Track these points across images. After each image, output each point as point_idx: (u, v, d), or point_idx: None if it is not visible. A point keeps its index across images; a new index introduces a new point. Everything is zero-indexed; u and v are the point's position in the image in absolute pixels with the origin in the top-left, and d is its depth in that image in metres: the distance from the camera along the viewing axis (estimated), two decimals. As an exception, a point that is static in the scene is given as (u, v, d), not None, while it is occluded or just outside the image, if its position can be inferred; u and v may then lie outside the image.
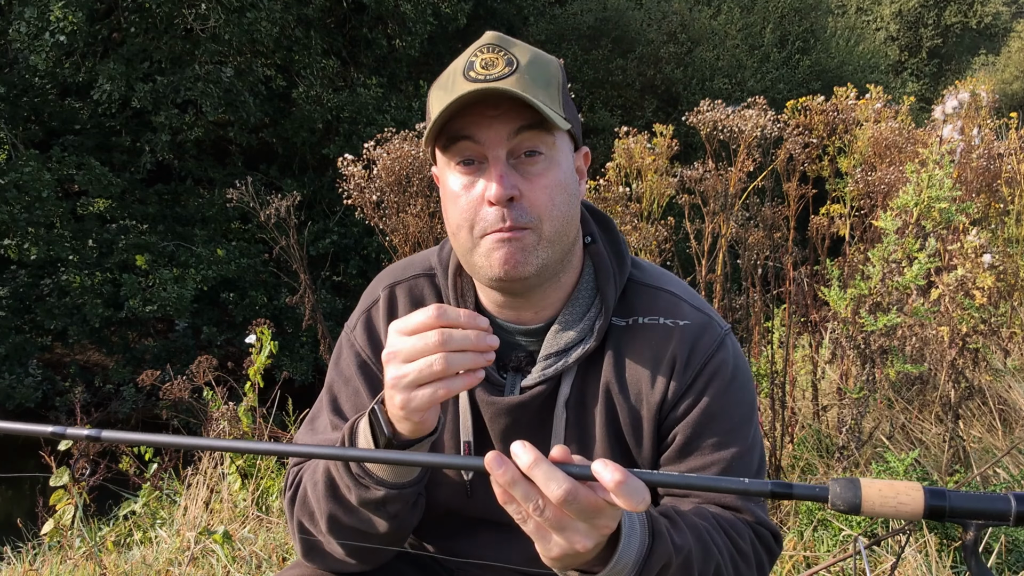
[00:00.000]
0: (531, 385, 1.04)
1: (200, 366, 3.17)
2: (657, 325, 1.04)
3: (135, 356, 10.52)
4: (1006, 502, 0.70)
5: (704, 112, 3.10)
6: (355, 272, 11.75)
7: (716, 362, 1.03)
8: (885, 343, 2.45)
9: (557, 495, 0.72)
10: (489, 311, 1.07)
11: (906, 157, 3.48)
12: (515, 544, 1.06)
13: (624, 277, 1.06)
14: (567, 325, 1.04)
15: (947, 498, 0.71)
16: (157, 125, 10.55)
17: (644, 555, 0.84)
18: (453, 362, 0.83)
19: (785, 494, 0.73)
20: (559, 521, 0.74)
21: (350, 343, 1.13)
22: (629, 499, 0.71)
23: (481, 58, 0.95)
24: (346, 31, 12.75)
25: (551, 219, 0.96)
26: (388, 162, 3.03)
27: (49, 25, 9.09)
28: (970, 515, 0.71)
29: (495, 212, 0.94)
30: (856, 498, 0.72)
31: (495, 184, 0.92)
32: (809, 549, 2.30)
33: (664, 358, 1.02)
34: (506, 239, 0.94)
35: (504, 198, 0.92)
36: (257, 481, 3.08)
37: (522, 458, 0.73)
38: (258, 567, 2.56)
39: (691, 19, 15.85)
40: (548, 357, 1.03)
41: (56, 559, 2.79)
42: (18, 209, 9.28)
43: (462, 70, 0.95)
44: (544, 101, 0.93)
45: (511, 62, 0.94)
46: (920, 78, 26.17)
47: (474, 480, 1.07)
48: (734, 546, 0.97)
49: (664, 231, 3.06)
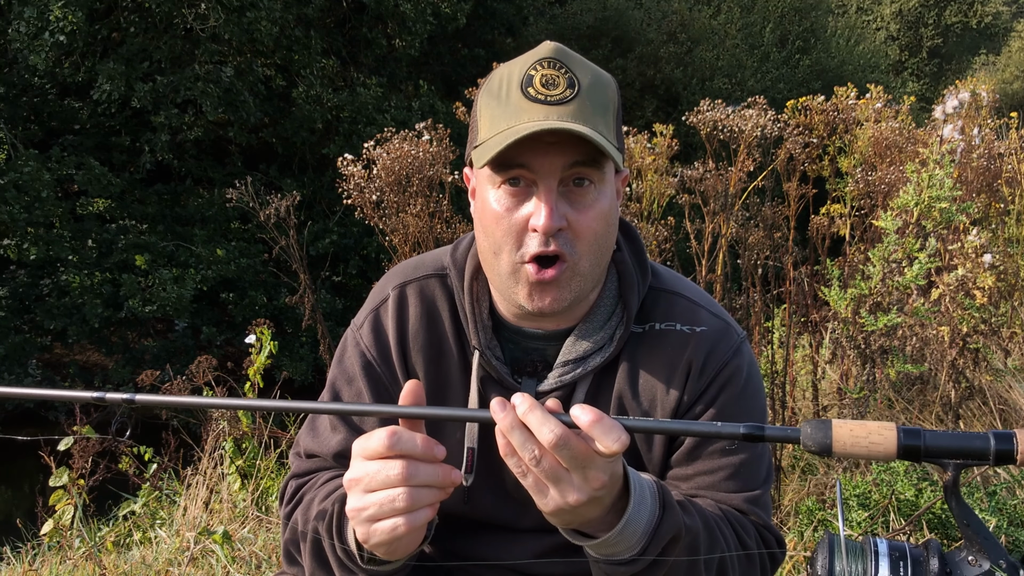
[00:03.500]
0: (547, 391, 1.03)
1: (200, 366, 3.17)
2: (673, 331, 1.04)
3: (135, 356, 10.51)
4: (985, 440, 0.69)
5: (704, 112, 3.09)
6: (355, 272, 11.75)
7: (731, 368, 1.03)
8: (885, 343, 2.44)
9: (549, 439, 0.75)
10: (505, 318, 1.06)
11: (906, 157, 3.48)
12: (515, 545, 1.06)
13: (646, 286, 1.06)
14: (586, 334, 1.03)
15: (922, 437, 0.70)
16: (157, 125, 10.55)
17: (655, 524, 0.85)
18: (418, 499, 0.80)
19: (758, 436, 0.73)
20: (554, 472, 0.78)
21: (355, 342, 1.11)
22: (605, 437, 0.75)
23: (541, 74, 0.92)
24: (346, 31, 12.74)
25: (591, 252, 0.95)
26: (388, 162, 3.03)
27: (49, 25, 9.09)
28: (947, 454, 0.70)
29: (539, 239, 0.93)
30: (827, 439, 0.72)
31: (545, 215, 0.91)
32: (809, 549, 2.30)
33: (680, 364, 1.02)
34: (546, 280, 0.94)
35: (553, 230, 0.92)
36: (257, 481, 3.08)
37: (520, 405, 0.77)
38: (257, 567, 2.55)
39: (691, 19, 15.85)
40: (566, 364, 1.03)
41: (56, 559, 2.78)
42: (18, 209, 9.27)
43: (519, 83, 0.92)
44: (602, 131, 0.91)
45: (572, 83, 0.92)
46: (920, 78, 26.17)
47: (472, 487, 1.05)
48: (739, 541, 0.98)
49: (664, 231, 3.05)
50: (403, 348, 1.08)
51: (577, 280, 0.96)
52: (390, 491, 0.80)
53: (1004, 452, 0.69)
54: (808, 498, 2.53)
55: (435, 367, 1.07)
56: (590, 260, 0.95)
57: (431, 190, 3.13)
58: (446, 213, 3.16)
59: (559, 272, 0.93)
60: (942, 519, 2.18)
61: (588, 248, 0.94)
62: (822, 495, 2.64)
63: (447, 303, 1.09)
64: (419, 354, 1.07)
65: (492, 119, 0.93)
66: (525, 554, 1.05)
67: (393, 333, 1.08)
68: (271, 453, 3.26)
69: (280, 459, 3.30)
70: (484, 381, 1.05)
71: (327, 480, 1.04)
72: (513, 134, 0.88)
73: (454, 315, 1.08)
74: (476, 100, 1.00)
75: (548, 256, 0.93)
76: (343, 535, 0.91)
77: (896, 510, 2.23)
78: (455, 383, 1.07)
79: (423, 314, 1.08)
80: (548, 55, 0.94)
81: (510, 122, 0.91)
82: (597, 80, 0.95)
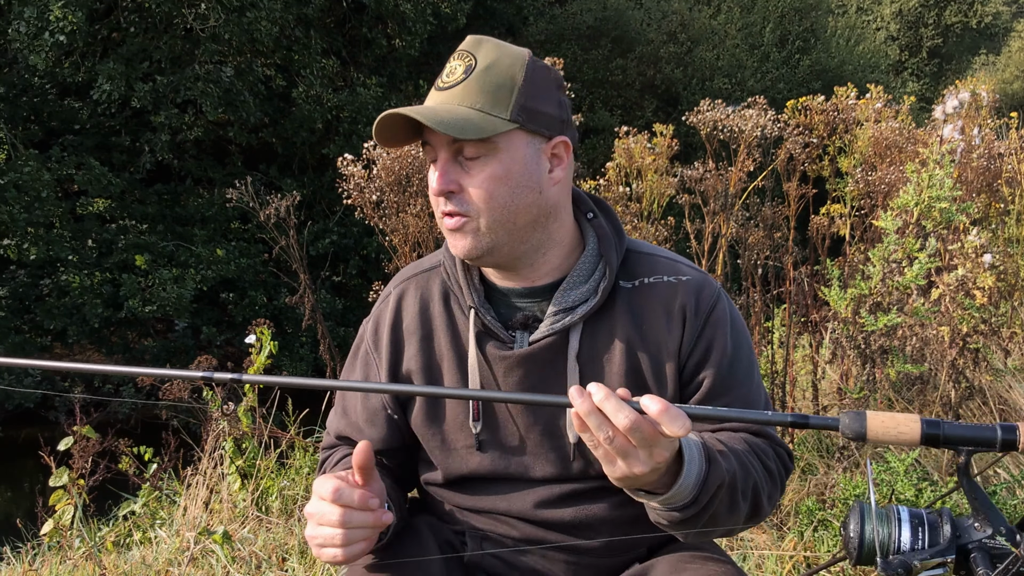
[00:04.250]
0: (539, 339, 1.15)
1: (200, 366, 3.16)
2: (662, 283, 1.18)
3: (135, 356, 10.51)
4: (992, 431, 0.82)
5: (704, 112, 3.09)
6: (355, 272, 11.74)
7: (720, 310, 1.17)
8: (885, 343, 2.44)
9: (624, 424, 0.87)
10: (494, 282, 1.20)
11: (906, 157, 3.48)
12: (526, 492, 1.17)
13: (623, 246, 1.20)
14: (572, 287, 1.16)
15: (941, 427, 0.83)
16: (157, 125, 10.54)
17: (703, 478, 0.98)
18: (351, 537, 0.98)
19: (803, 424, 0.86)
20: (624, 448, 0.90)
21: (362, 333, 1.28)
22: (671, 424, 0.86)
23: (450, 64, 1.09)
24: (346, 31, 12.74)
25: (489, 209, 1.08)
26: (388, 162, 3.03)
27: (49, 25, 9.08)
28: (961, 442, 0.83)
29: (442, 201, 1.10)
30: (862, 428, 0.84)
31: (435, 179, 1.09)
32: (809, 549, 2.30)
33: (675, 308, 1.16)
34: (450, 228, 1.11)
35: (442, 192, 1.09)
36: (257, 481, 3.08)
37: (596, 393, 0.88)
38: (258, 567, 2.55)
39: (691, 19, 15.85)
40: (556, 313, 1.15)
41: (56, 559, 2.78)
42: (18, 209, 9.27)
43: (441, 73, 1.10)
44: (484, 107, 1.05)
45: (469, 69, 1.07)
46: (920, 78, 26.16)
47: (482, 439, 1.18)
48: (763, 467, 1.12)
49: (664, 231, 3.05)
50: (396, 334, 1.23)
51: (486, 233, 1.10)
52: (331, 530, 0.98)
53: (1008, 441, 0.82)
54: (808, 498, 2.53)
55: (427, 344, 1.21)
56: (491, 216, 1.09)
57: (431, 190, 3.12)
58: (446, 213, 3.16)
59: (458, 224, 1.10)
60: (942, 519, 2.18)
61: (484, 205, 1.08)
62: (822, 495, 2.64)
63: (440, 290, 1.23)
64: (412, 336, 1.22)
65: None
66: (535, 500, 1.16)
67: (389, 323, 1.23)
68: (271, 453, 3.26)
69: (280, 459, 3.30)
70: (479, 336, 1.17)
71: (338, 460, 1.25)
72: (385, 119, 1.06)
73: (445, 300, 1.22)
74: None
75: (447, 213, 1.10)
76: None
77: (896, 510, 2.23)
78: (447, 354, 1.20)
79: (418, 302, 1.23)
80: (462, 47, 1.10)
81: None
82: (497, 61, 1.08)
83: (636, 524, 1.15)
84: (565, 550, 1.17)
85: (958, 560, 0.84)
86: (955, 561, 0.84)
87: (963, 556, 0.83)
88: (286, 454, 3.38)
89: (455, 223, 1.09)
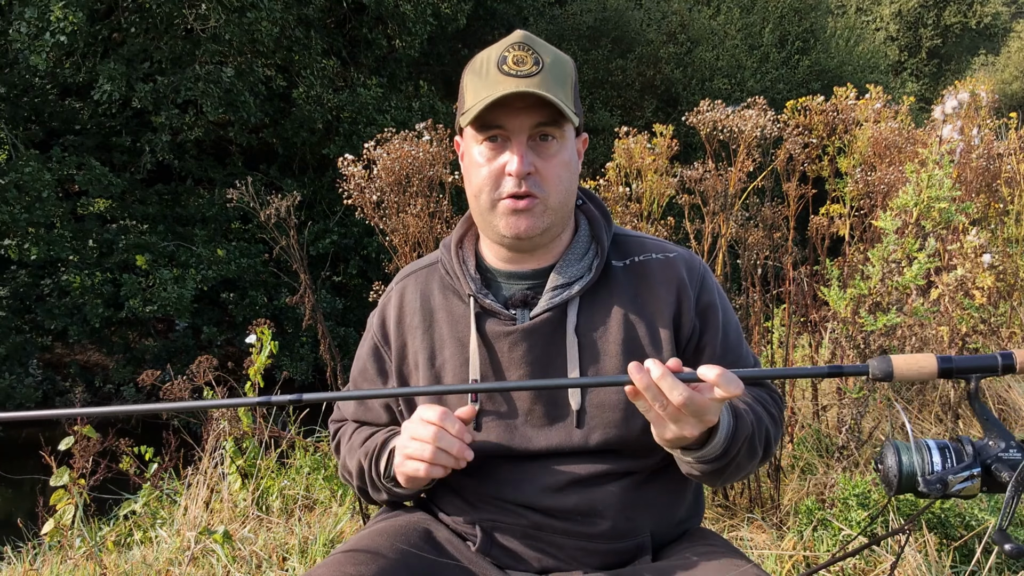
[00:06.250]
0: (539, 314, 1.23)
1: (200, 366, 3.17)
2: (652, 260, 1.28)
3: (135, 356, 10.52)
4: (994, 359, 0.99)
5: (704, 112, 3.10)
6: (355, 272, 11.75)
7: (709, 280, 1.29)
8: (885, 343, 2.45)
9: (679, 400, 0.98)
10: (492, 265, 1.29)
11: (906, 157, 3.48)
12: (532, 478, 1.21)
13: (612, 229, 1.30)
14: (567, 266, 1.25)
15: (952, 362, 1.00)
16: (157, 125, 10.55)
17: (731, 433, 1.11)
18: (437, 456, 1.10)
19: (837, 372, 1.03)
20: (676, 416, 1.01)
21: (369, 328, 1.37)
22: (728, 386, 0.97)
23: (513, 55, 1.15)
24: (346, 31, 12.75)
25: (557, 192, 1.18)
26: (388, 162, 3.03)
27: (49, 25, 9.08)
28: (970, 370, 1.00)
29: (513, 181, 1.16)
30: (889, 368, 1.01)
31: (517, 161, 1.14)
32: (809, 549, 2.30)
33: (668, 279, 1.25)
34: (520, 208, 1.17)
35: (523, 173, 1.15)
36: (257, 481, 3.09)
37: (654, 371, 0.99)
38: (258, 567, 2.56)
39: (691, 19, 15.85)
40: (554, 289, 1.24)
41: (56, 559, 2.79)
42: (18, 209, 9.27)
43: (495, 61, 1.15)
44: (560, 98, 1.13)
45: (538, 61, 1.15)
46: (920, 78, 26.17)
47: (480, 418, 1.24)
48: (768, 413, 1.26)
49: (664, 231, 3.06)
50: (400, 328, 1.31)
51: (549, 213, 1.19)
52: (423, 445, 1.11)
53: (1008, 365, 0.99)
54: (808, 498, 2.53)
55: (429, 332, 1.29)
56: (557, 198, 1.19)
57: (431, 190, 3.13)
58: (446, 213, 3.16)
59: (530, 204, 1.17)
60: (941, 519, 2.18)
61: (554, 188, 1.18)
62: (821, 495, 2.64)
63: (439, 283, 1.31)
64: (415, 329, 1.29)
65: (475, 91, 1.16)
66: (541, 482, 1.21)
67: (393, 317, 1.32)
68: (271, 453, 3.27)
69: (281, 459, 3.31)
70: (479, 318, 1.25)
71: (354, 431, 1.36)
72: (489, 98, 1.12)
73: (444, 291, 1.30)
74: (462, 79, 1.21)
75: (520, 195, 1.17)
76: (378, 465, 1.25)
77: (896, 510, 2.24)
78: (448, 339, 1.27)
79: (419, 296, 1.31)
80: (518, 40, 1.17)
81: (489, 92, 1.13)
82: (557, 59, 1.18)
83: (640, 508, 1.22)
84: (572, 536, 1.20)
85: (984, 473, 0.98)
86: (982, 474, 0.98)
87: (985, 470, 0.98)
88: (286, 454, 3.38)
89: (526, 203, 1.17)
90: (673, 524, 1.28)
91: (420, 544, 1.20)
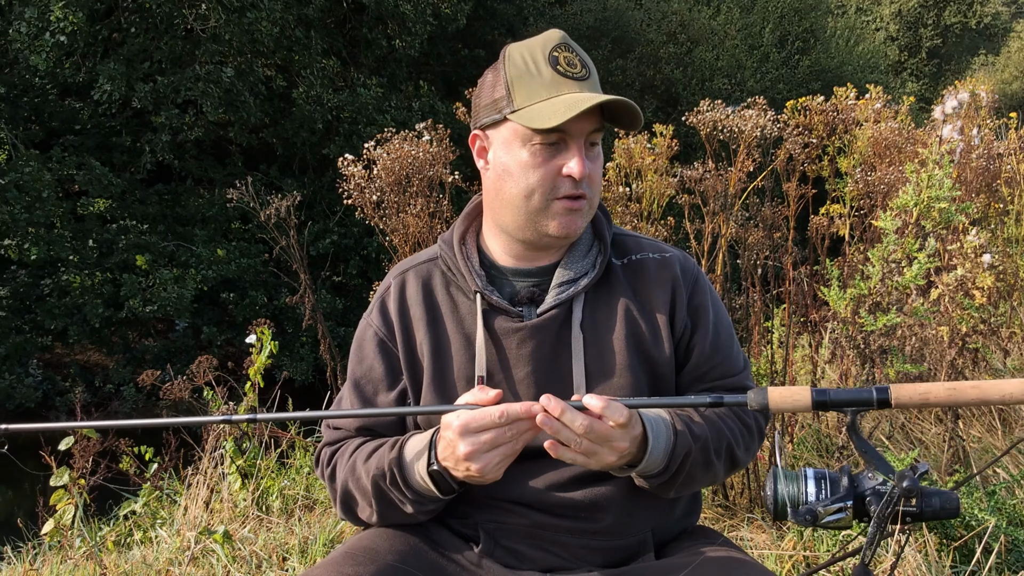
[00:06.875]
0: (546, 310, 1.24)
1: (200, 366, 3.17)
2: (648, 259, 1.31)
3: (135, 356, 10.51)
4: (869, 393, 0.98)
5: (704, 112, 3.09)
6: (355, 272, 11.74)
7: (702, 280, 1.32)
8: (885, 343, 2.45)
9: (580, 428, 1.02)
10: (497, 262, 1.30)
11: (906, 157, 3.48)
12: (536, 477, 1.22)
13: (612, 228, 1.33)
14: (573, 262, 1.27)
15: (828, 394, 0.99)
16: (157, 125, 10.54)
17: (671, 448, 1.14)
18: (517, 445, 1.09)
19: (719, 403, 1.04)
20: (591, 449, 1.05)
21: (368, 325, 1.32)
22: (612, 415, 1.03)
23: (563, 55, 1.18)
24: (346, 31, 12.74)
25: (597, 193, 1.24)
26: (388, 162, 3.03)
27: (49, 25, 9.08)
28: (844, 404, 0.99)
29: (571, 183, 1.18)
30: (765, 399, 1.01)
31: (580, 163, 1.17)
32: (809, 549, 2.30)
33: (664, 278, 1.28)
34: (575, 208, 1.20)
35: (586, 175, 1.18)
36: (257, 481, 3.09)
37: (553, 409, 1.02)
38: (258, 567, 2.56)
39: (691, 19, 15.84)
40: (560, 285, 1.26)
41: (56, 559, 2.79)
42: (18, 209, 9.27)
43: (546, 61, 1.17)
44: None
45: (584, 64, 1.20)
46: (920, 78, 26.16)
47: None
48: (741, 423, 1.27)
49: (664, 231, 3.06)
50: (405, 321, 1.29)
51: (590, 213, 1.24)
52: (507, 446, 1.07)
53: (882, 400, 0.98)
54: (807, 498, 2.53)
55: (434, 328, 1.27)
56: (596, 199, 1.25)
57: (431, 190, 3.13)
58: (446, 213, 3.16)
59: (582, 206, 1.21)
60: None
61: (597, 190, 1.24)
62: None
63: (441, 278, 1.30)
64: (419, 322, 1.28)
65: (529, 89, 1.16)
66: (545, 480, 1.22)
67: (395, 310, 1.29)
68: (271, 453, 3.27)
69: (280, 459, 3.31)
70: (486, 315, 1.25)
71: (358, 446, 1.26)
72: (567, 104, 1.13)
73: (447, 287, 1.29)
74: (498, 75, 1.20)
75: (577, 195, 1.20)
76: (408, 483, 1.16)
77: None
78: (455, 336, 1.26)
79: (420, 290, 1.30)
80: (562, 40, 1.19)
81: (551, 92, 1.16)
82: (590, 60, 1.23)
83: (640, 505, 1.23)
84: (575, 533, 1.21)
85: (857, 506, 0.99)
86: (854, 507, 0.99)
87: (860, 501, 0.99)
88: (286, 454, 3.38)
89: (580, 204, 1.20)
90: (672, 521, 1.29)
91: (420, 545, 1.20)
